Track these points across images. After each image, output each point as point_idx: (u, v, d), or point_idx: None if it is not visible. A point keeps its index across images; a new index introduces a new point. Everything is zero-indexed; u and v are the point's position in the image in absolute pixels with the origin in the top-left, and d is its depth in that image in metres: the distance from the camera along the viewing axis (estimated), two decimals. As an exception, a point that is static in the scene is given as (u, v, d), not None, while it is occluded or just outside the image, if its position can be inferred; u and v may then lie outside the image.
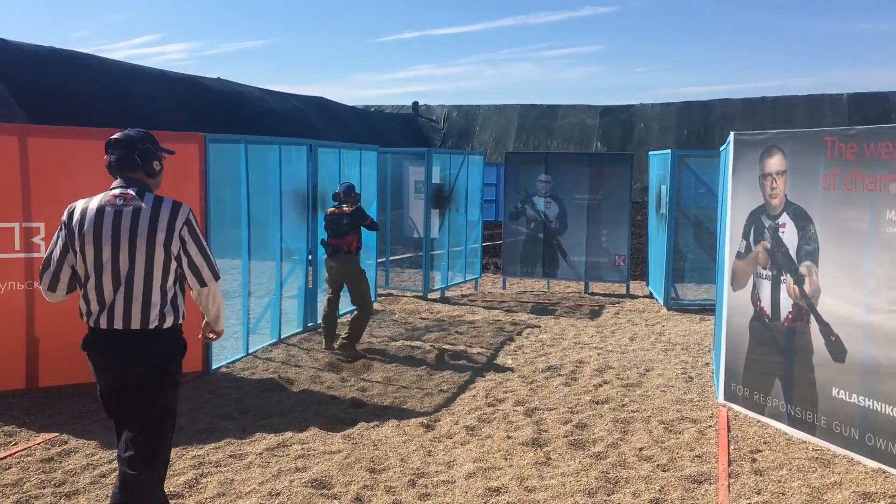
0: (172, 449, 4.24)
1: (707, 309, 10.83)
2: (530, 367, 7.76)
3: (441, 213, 12.41)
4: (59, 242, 3.63)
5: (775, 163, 5.91)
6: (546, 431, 5.82)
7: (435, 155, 12.24)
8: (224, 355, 7.84)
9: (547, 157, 13.19)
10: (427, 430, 5.88)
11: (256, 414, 6.14)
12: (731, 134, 6.43)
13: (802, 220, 5.68)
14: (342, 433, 5.73)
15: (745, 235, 6.26)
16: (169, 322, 3.61)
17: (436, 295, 12.16)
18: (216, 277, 3.73)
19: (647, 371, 7.64)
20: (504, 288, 13.14)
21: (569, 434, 5.75)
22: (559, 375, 7.44)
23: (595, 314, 10.84)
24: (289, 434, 5.67)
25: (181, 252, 3.61)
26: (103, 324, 3.56)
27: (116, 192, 3.60)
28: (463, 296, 12.37)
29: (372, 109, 48.44)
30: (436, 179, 12.41)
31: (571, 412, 6.30)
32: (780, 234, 5.89)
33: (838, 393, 5.41)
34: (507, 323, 10.04)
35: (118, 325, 3.54)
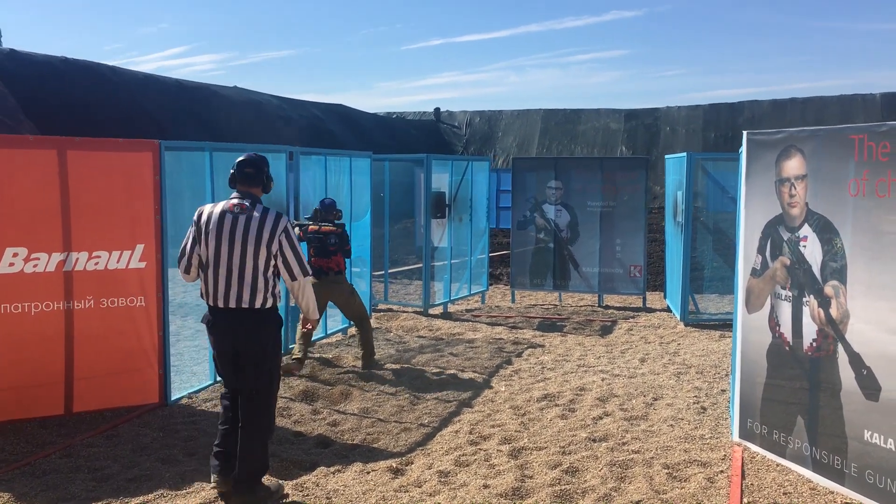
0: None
1: (728, 324, 9.93)
2: (525, 395, 6.98)
3: (443, 222, 11.68)
4: (191, 237, 4.69)
5: (794, 166, 5.10)
6: (531, 478, 5.05)
7: (435, 161, 11.50)
8: (188, 383, 7.16)
9: (557, 163, 12.39)
10: (395, 476, 5.14)
11: (204, 456, 5.42)
12: (745, 133, 5.62)
13: (827, 232, 4.85)
14: (295, 481, 5.01)
15: (761, 250, 5.44)
16: (269, 303, 4.63)
17: (438, 310, 11.43)
18: (305, 274, 4.70)
19: (656, 400, 6.83)
20: (513, 301, 12.35)
21: (556, 482, 4.97)
22: (556, 406, 6.65)
23: (606, 330, 10.03)
24: (232, 483, 4.95)
25: (279, 252, 4.59)
26: (220, 303, 4.57)
27: (235, 201, 4.65)
28: (467, 310, 11.61)
29: (394, 116, 47.83)
30: (442, 187, 11.69)
31: (563, 453, 5.51)
32: (802, 248, 5.07)
33: (871, 436, 4.57)
34: (509, 342, 9.27)
35: (232, 304, 4.56)
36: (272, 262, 4.59)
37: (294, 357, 7.57)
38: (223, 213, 4.60)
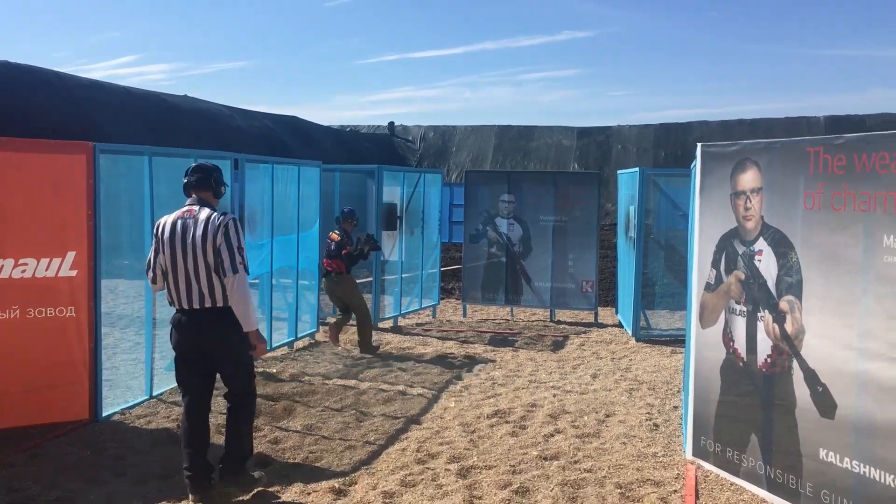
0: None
1: (680, 340, 9.88)
2: (475, 411, 6.78)
3: (395, 234, 11.47)
4: (153, 248, 4.87)
5: (749, 179, 5.01)
6: (479, 499, 4.84)
7: (386, 172, 11.29)
8: (123, 398, 6.81)
9: (510, 176, 12.27)
10: (337, 496, 4.89)
11: (133, 477, 5.11)
12: (699, 146, 5.54)
13: (782, 246, 4.77)
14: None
15: (716, 264, 5.35)
16: (228, 301, 4.72)
17: (388, 324, 11.19)
18: (234, 271, 4.65)
19: (608, 416, 6.69)
20: (464, 316, 12.17)
21: (506, 502, 4.77)
22: (506, 423, 6.46)
23: (558, 346, 9.89)
24: (162, 506, 4.66)
25: (220, 248, 4.66)
26: (185, 305, 4.72)
27: (185, 208, 4.82)
28: (418, 324, 11.39)
29: (347, 129, 47.47)
30: (394, 199, 11.48)
31: (513, 472, 5.32)
32: (756, 262, 4.98)
33: (827, 455, 4.47)
34: (460, 357, 9.07)
35: (196, 305, 4.71)
36: (218, 260, 4.69)
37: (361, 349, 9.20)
38: (175, 221, 4.78)
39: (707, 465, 5.40)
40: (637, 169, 10.51)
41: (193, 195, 4.89)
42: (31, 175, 5.85)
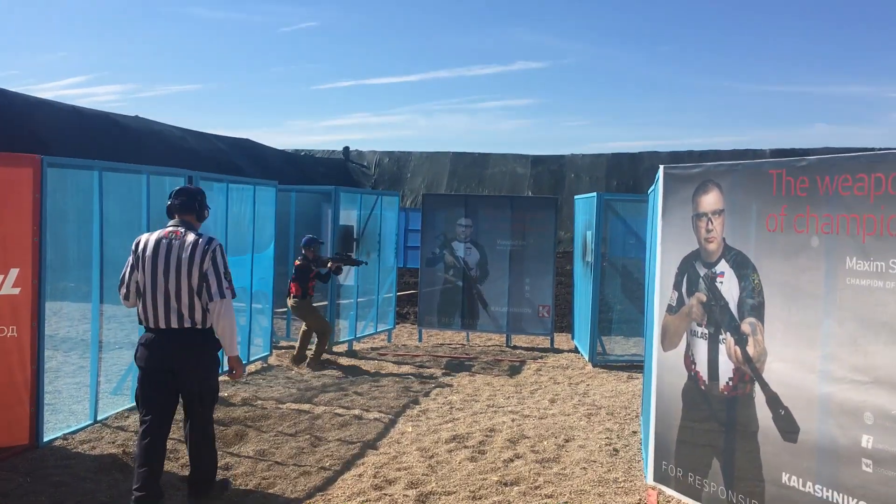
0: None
1: (636, 365, 9.91)
2: (433, 436, 6.64)
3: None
4: (129, 265, 4.87)
5: (711, 200, 5.02)
6: (439, 525, 4.70)
7: (343, 193, 11.17)
8: (66, 423, 6.52)
9: (467, 200, 12.23)
10: (291, 524, 4.71)
11: (75, 505, 4.86)
12: (661, 167, 5.54)
13: (744, 268, 4.77)
14: (179, 532, 4.51)
15: (677, 286, 5.34)
16: (207, 323, 4.80)
17: (342, 347, 10.99)
18: (221, 296, 4.75)
19: (567, 441, 6.61)
20: (420, 340, 12.03)
21: (466, 529, 4.64)
22: (465, 447, 6.34)
23: (515, 371, 9.82)
24: (106, 535, 4.42)
25: (205, 269, 4.74)
26: (161, 324, 4.74)
27: (170, 229, 4.87)
28: (373, 349, 11.22)
29: (302, 153, 47.19)
30: (350, 222, 11.34)
31: (473, 497, 5.20)
32: (718, 284, 4.97)
33: (790, 479, 4.45)
34: (416, 381, 8.93)
35: (173, 324, 4.74)
36: (203, 283, 4.76)
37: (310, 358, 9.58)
38: (158, 241, 4.82)
39: (668, 490, 5.35)
40: (594, 194, 10.56)
41: (177, 217, 4.94)
42: (-27, 188, 5.61)
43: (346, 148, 47.34)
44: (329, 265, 9.95)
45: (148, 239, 4.86)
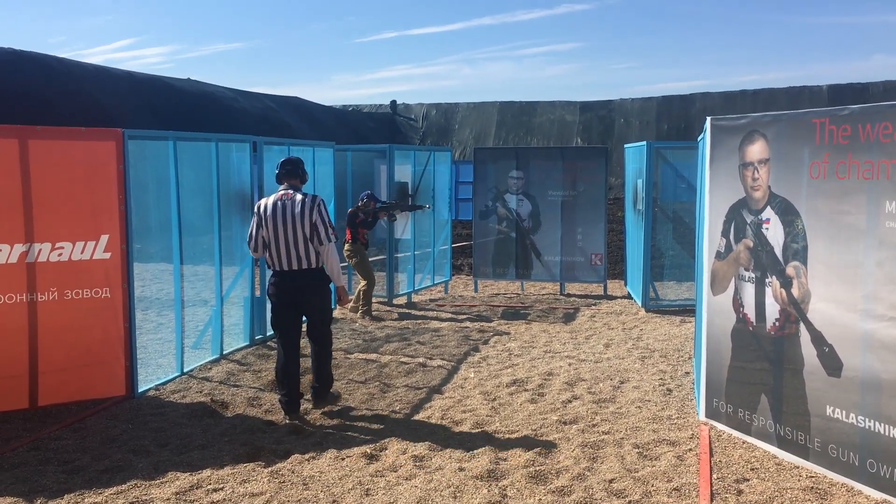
0: (69, 495, 4.67)
1: (688, 310, 10.15)
2: (494, 381, 7.05)
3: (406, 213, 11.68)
4: (255, 224, 6.12)
5: (757, 150, 5.23)
6: (505, 461, 5.11)
7: (398, 151, 11.51)
8: (155, 375, 7.08)
9: (518, 153, 12.47)
10: (370, 461, 5.16)
11: (176, 447, 5.39)
12: (708, 119, 5.75)
13: (789, 214, 5.00)
14: (270, 469, 5.00)
15: (725, 233, 5.58)
16: (318, 263, 6.09)
17: (402, 300, 11.44)
18: (329, 240, 6.04)
19: (622, 383, 6.95)
20: (476, 291, 12.42)
21: (530, 463, 5.04)
22: (525, 391, 6.73)
23: (569, 318, 10.15)
24: (207, 472, 4.93)
25: (314, 221, 5.99)
26: (285, 267, 6.04)
27: (282, 192, 6.12)
28: (431, 300, 11.65)
29: (350, 109, 47.54)
30: (404, 178, 11.69)
31: (535, 435, 5.60)
32: (764, 230, 5.21)
33: (834, 412, 4.73)
34: (475, 330, 9.34)
35: (294, 266, 6.03)
36: (311, 231, 5.98)
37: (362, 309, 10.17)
38: (275, 203, 6.06)
39: (720, 426, 5.67)
40: (644, 143, 10.70)
41: (285, 182, 6.17)
42: (65, 162, 6.09)
43: (394, 102, 47.49)
44: (377, 213, 10.26)
45: (266, 202, 6.09)
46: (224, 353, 7.87)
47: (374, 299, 10.89)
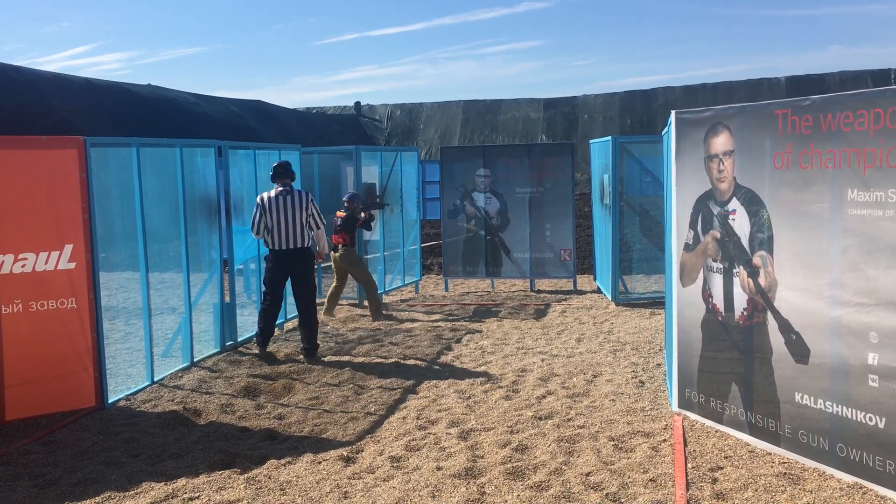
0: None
1: (658, 302, 10.26)
2: (468, 379, 7.06)
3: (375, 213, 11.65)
4: (258, 213, 7.83)
5: (722, 142, 5.30)
6: (482, 458, 5.12)
7: (364, 152, 11.48)
8: (125, 385, 6.99)
9: (484, 151, 12.50)
10: (347, 464, 5.14)
11: (149, 457, 5.32)
12: (673, 113, 5.81)
13: (754, 204, 5.07)
14: (246, 475, 4.96)
15: (693, 225, 5.65)
16: (308, 244, 7.99)
17: (372, 301, 11.38)
18: (322, 226, 8.03)
19: (595, 377, 7.00)
20: (446, 290, 12.43)
21: (507, 460, 5.06)
22: (499, 388, 6.75)
23: (540, 314, 10.20)
24: (182, 481, 4.87)
25: (310, 212, 7.90)
26: (283, 246, 7.84)
27: (280, 188, 7.87)
28: (402, 301, 11.63)
29: (314, 111, 47.28)
30: (372, 179, 11.66)
31: (511, 432, 5.61)
32: (731, 221, 5.28)
33: (803, 398, 4.81)
34: (447, 329, 9.34)
35: (290, 245, 7.86)
36: (308, 219, 7.86)
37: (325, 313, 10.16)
38: (276, 196, 7.82)
39: (692, 416, 5.73)
40: (609, 138, 10.79)
41: (280, 181, 7.86)
42: (26, 171, 5.98)
43: (358, 103, 47.34)
44: (364, 214, 10.25)
45: (269, 195, 7.81)
46: (195, 360, 7.78)
47: (342, 301, 10.87)
